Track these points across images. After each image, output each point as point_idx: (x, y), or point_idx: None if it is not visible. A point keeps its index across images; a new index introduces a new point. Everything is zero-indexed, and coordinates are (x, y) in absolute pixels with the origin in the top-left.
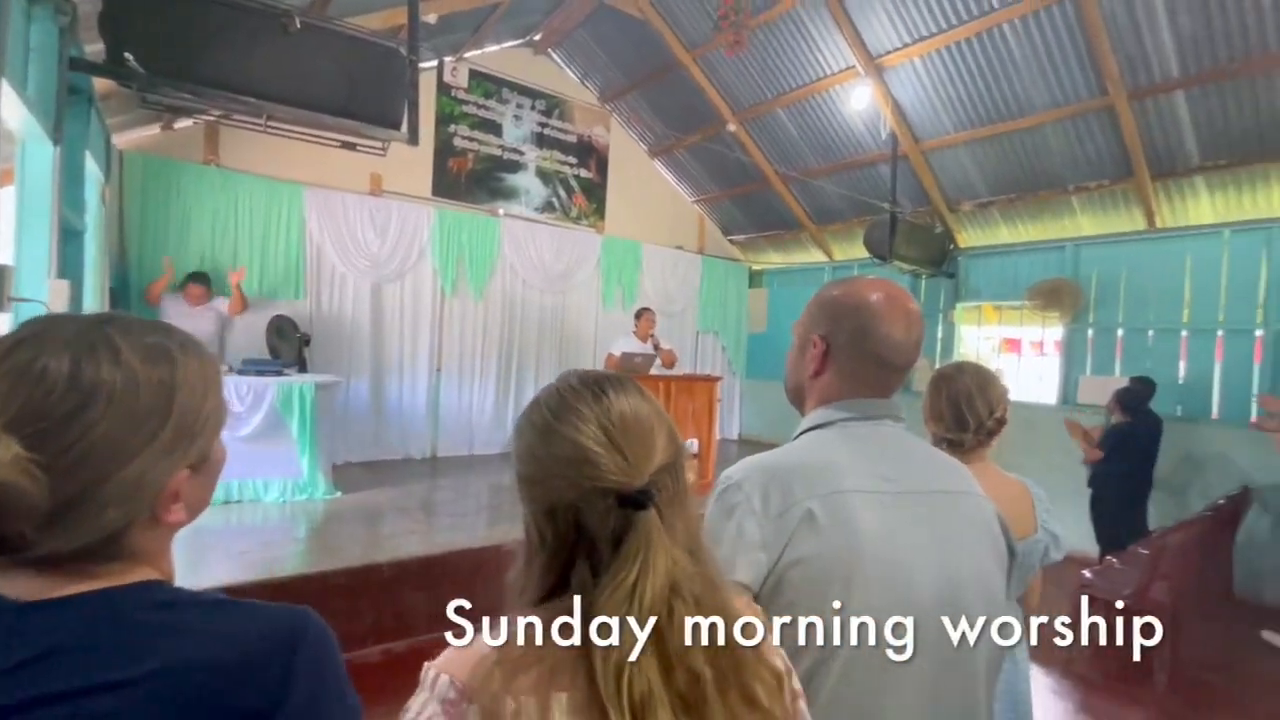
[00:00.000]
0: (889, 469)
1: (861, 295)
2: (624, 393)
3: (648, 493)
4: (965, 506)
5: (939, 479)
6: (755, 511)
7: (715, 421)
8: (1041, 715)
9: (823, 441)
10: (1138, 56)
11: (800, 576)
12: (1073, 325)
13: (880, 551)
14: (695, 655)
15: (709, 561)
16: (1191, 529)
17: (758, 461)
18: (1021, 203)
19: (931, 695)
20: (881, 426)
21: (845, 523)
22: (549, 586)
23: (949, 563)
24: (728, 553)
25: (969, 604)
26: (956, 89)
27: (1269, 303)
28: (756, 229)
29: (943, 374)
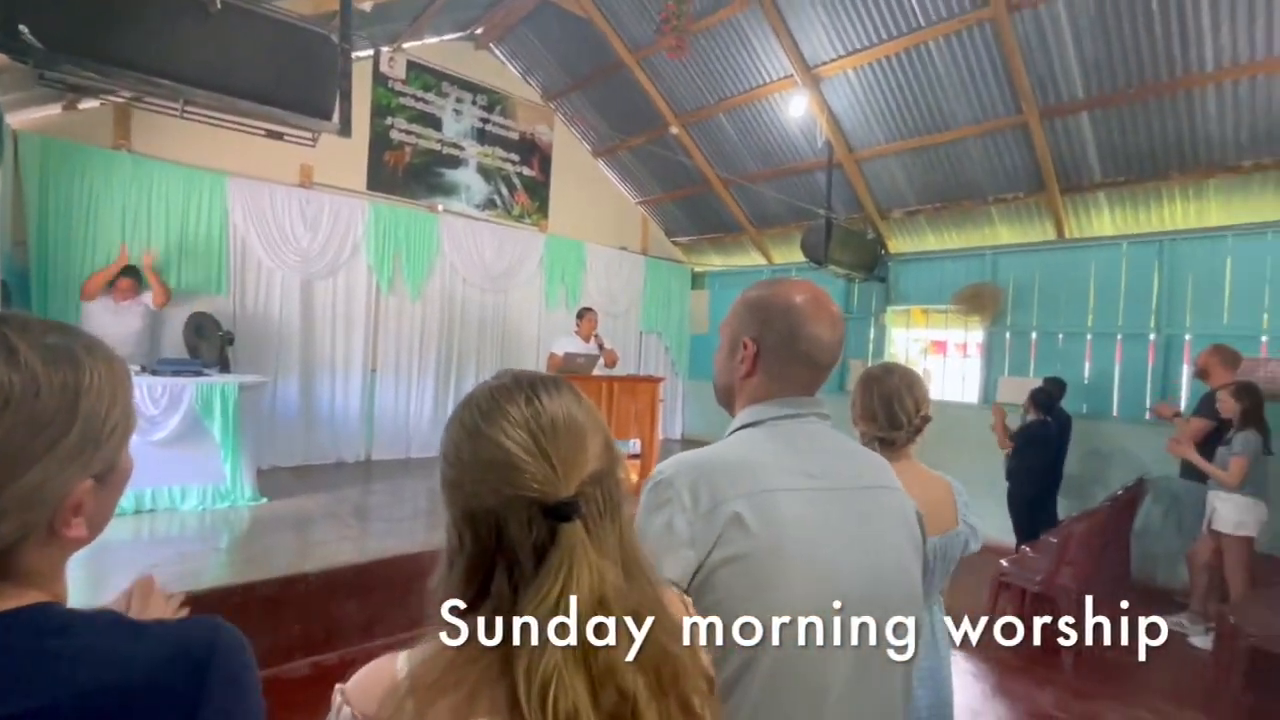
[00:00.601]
0: (815, 466)
1: (789, 297)
2: (558, 396)
3: (574, 504)
4: (887, 501)
5: (863, 475)
6: (685, 508)
7: (657, 421)
8: (961, 697)
9: (752, 440)
10: (1048, 78)
11: (728, 575)
12: (992, 328)
13: (806, 549)
14: (625, 672)
15: (646, 570)
16: (1094, 518)
17: (688, 458)
18: (946, 212)
19: (855, 687)
20: (808, 424)
21: (772, 521)
22: (469, 596)
23: (872, 557)
24: (656, 549)
25: (891, 596)
26: (887, 101)
27: (1160, 309)
28: (699, 231)
29: (873, 375)
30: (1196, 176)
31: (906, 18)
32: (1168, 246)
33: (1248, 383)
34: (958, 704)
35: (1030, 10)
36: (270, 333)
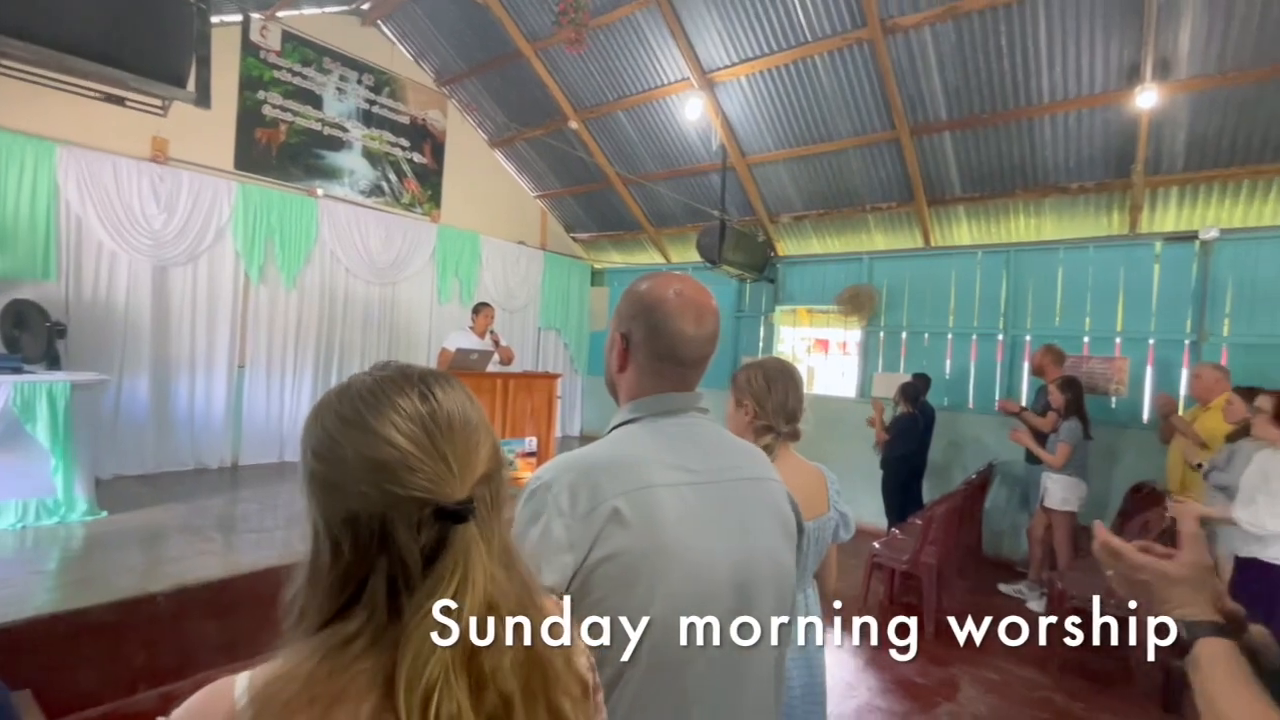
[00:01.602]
0: (693, 460)
1: (656, 292)
2: (452, 393)
3: (469, 505)
4: (760, 491)
5: (738, 467)
6: (563, 512)
7: (555, 419)
8: (839, 672)
9: (631, 437)
10: (917, 99)
11: (606, 574)
12: (868, 328)
13: (684, 542)
14: (507, 675)
15: (524, 571)
16: (952, 500)
17: (567, 460)
18: (829, 218)
19: (732, 676)
20: (687, 419)
21: (651, 517)
22: (335, 609)
23: (747, 547)
24: (534, 556)
25: (764, 585)
26: (776, 110)
27: (1007, 312)
28: (599, 228)
29: (769, 369)
30: (1036, 195)
31: (795, 31)
32: (1013, 256)
33: (1071, 377)
34: (834, 679)
35: (902, 35)
36: (114, 325)
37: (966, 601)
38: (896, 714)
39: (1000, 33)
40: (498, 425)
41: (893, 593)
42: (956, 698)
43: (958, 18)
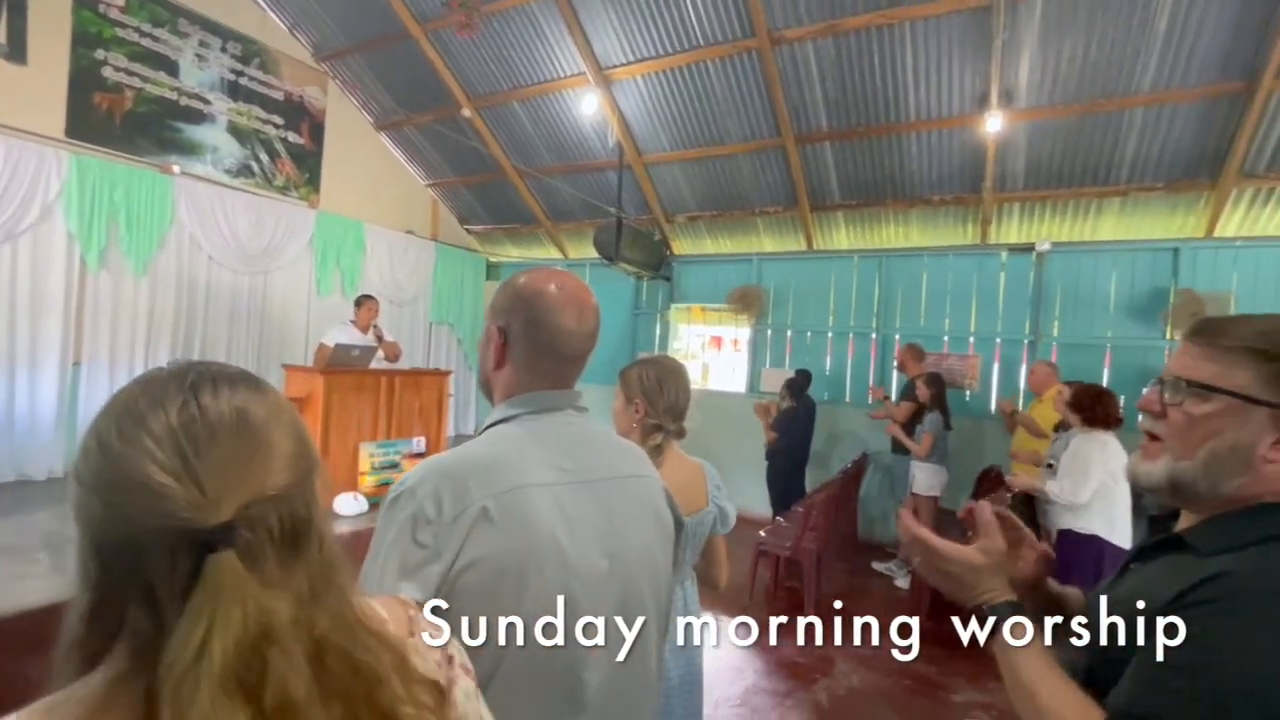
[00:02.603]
0: (568, 460)
1: (535, 286)
2: (229, 395)
3: (227, 532)
4: (637, 489)
5: (615, 465)
6: (429, 519)
7: (446, 417)
8: (728, 656)
9: (504, 436)
10: (801, 109)
11: (474, 579)
12: (757, 326)
13: (557, 542)
14: (304, 706)
15: (345, 589)
16: (831, 489)
17: (435, 463)
18: (721, 219)
19: (608, 676)
20: (564, 417)
21: (522, 518)
22: (97, 646)
23: (621, 544)
24: (397, 568)
25: (638, 581)
26: (671, 111)
27: (879, 313)
28: (494, 221)
29: (662, 368)
30: (904, 205)
31: (689, 35)
32: (885, 261)
33: (934, 373)
34: (722, 663)
35: (788, 47)
36: None
37: (844, 582)
38: (779, 693)
39: (874, 53)
40: (382, 425)
41: (778, 578)
42: (832, 672)
43: (838, 35)
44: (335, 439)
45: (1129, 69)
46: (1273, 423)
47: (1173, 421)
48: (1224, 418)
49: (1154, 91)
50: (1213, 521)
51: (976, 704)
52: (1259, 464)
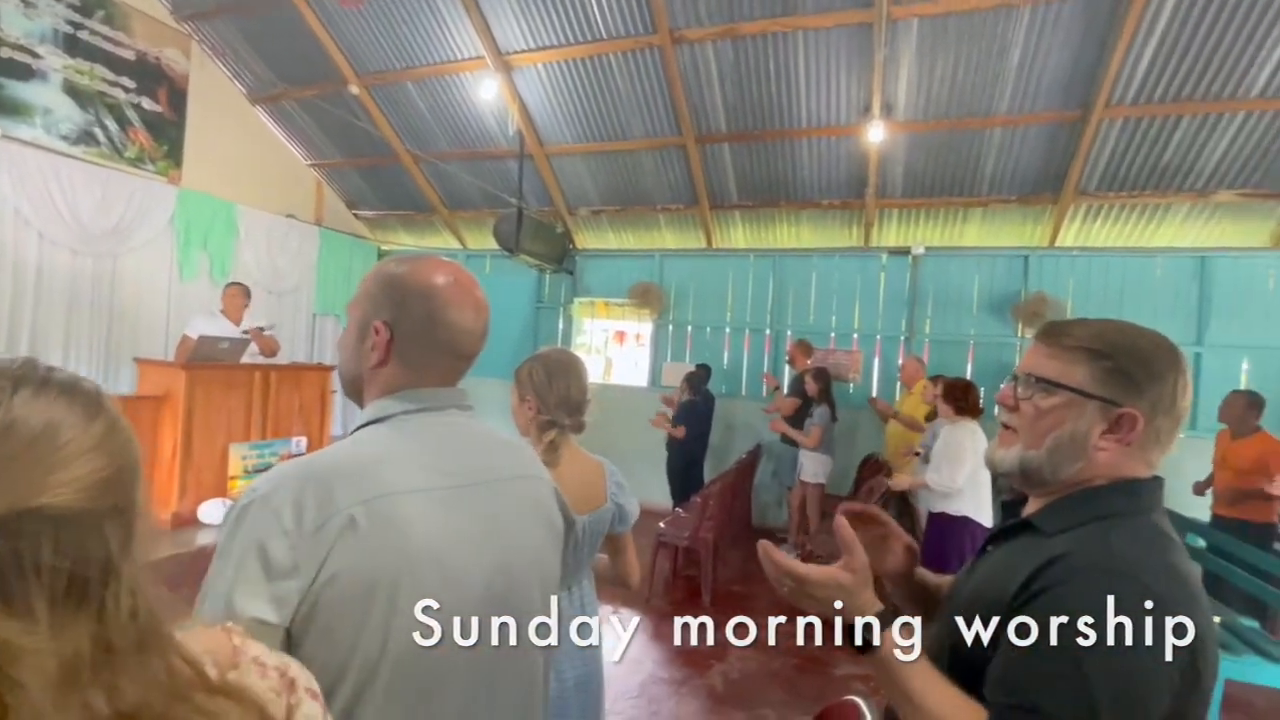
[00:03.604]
0: (449, 462)
1: (429, 279)
2: (31, 396)
3: None
4: (524, 490)
5: (501, 466)
6: (285, 530)
7: (330, 416)
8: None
9: (377, 438)
10: (701, 109)
11: (338, 594)
12: (659, 321)
13: (435, 550)
14: None
15: (170, 655)
16: (726, 479)
17: (295, 467)
18: (624, 214)
19: (490, 685)
20: (446, 417)
21: (393, 526)
22: None
23: (507, 551)
24: (245, 587)
25: (524, 586)
26: (575, 103)
27: (773, 310)
28: (386, 206)
29: (550, 362)
30: (796, 207)
31: (591, 27)
32: (778, 261)
33: (821, 368)
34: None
35: (689, 47)
36: None
37: (739, 568)
38: (676, 681)
39: (770, 59)
40: (256, 424)
41: (677, 567)
42: (727, 657)
43: (736, 39)
44: (200, 440)
45: (989, 92)
46: (1103, 415)
47: (1024, 414)
48: (1065, 410)
49: (1009, 114)
50: (1054, 504)
51: (856, 676)
52: (1092, 451)
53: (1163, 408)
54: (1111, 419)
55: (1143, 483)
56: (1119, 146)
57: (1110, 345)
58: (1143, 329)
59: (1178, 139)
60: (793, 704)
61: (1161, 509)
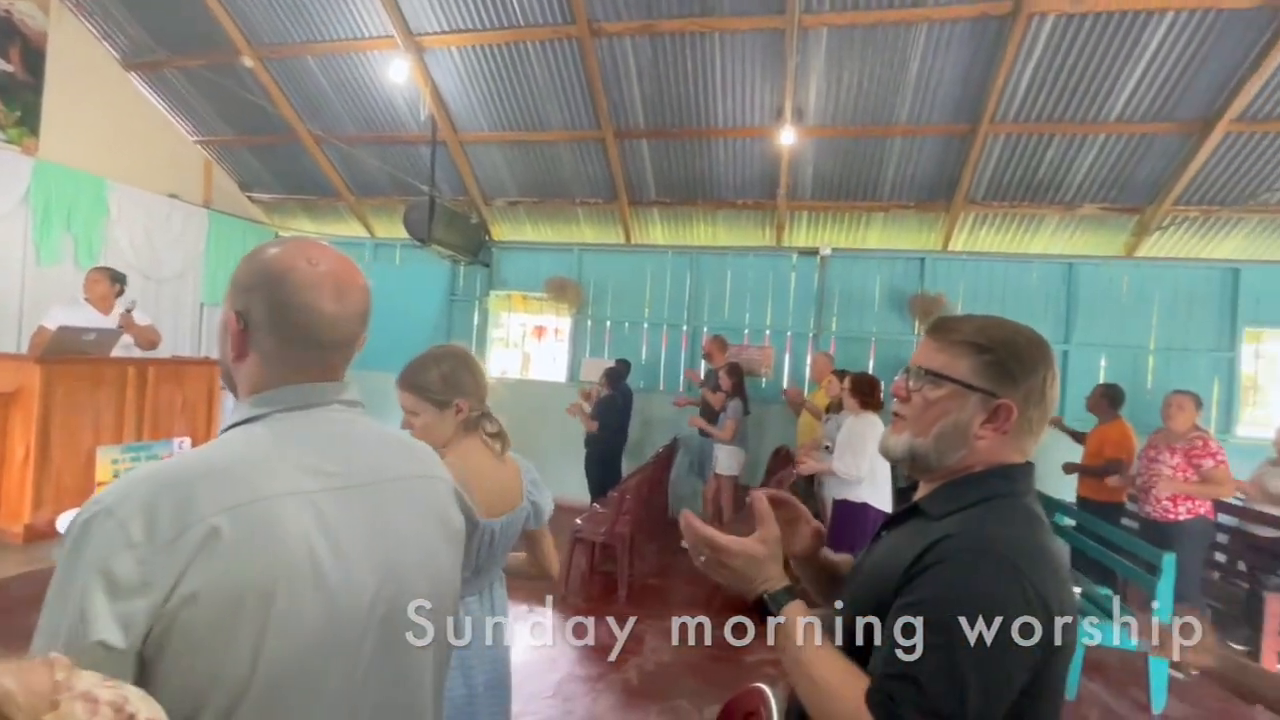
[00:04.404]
0: (332, 463)
1: (284, 262)
2: None
3: None
4: (419, 491)
5: (392, 465)
6: (133, 543)
7: (218, 415)
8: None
9: (248, 439)
10: (620, 104)
11: (200, 613)
12: (578, 316)
13: (314, 559)
14: None
15: None
16: (644, 473)
17: (147, 473)
18: (542, 207)
19: (373, 693)
20: (326, 414)
21: (266, 535)
22: None
23: (397, 555)
24: (86, 611)
25: (416, 594)
26: (491, 90)
27: (690, 306)
28: (285, 190)
29: (455, 354)
30: (712, 206)
31: (507, 11)
32: (696, 258)
33: (734, 364)
34: (535, 655)
35: (607, 40)
36: None
37: (655, 562)
38: (592, 678)
39: (688, 58)
40: (130, 425)
41: (593, 563)
42: (642, 650)
43: (655, 35)
44: (60, 443)
45: (891, 102)
46: (983, 405)
47: (914, 404)
48: (951, 401)
49: (909, 124)
50: (940, 490)
51: (767, 662)
52: (973, 440)
53: (1034, 399)
54: (990, 409)
55: (1017, 468)
56: (1002, 160)
57: (991, 340)
58: (1019, 326)
59: (1050, 156)
60: (707, 693)
61: (1033, 492)
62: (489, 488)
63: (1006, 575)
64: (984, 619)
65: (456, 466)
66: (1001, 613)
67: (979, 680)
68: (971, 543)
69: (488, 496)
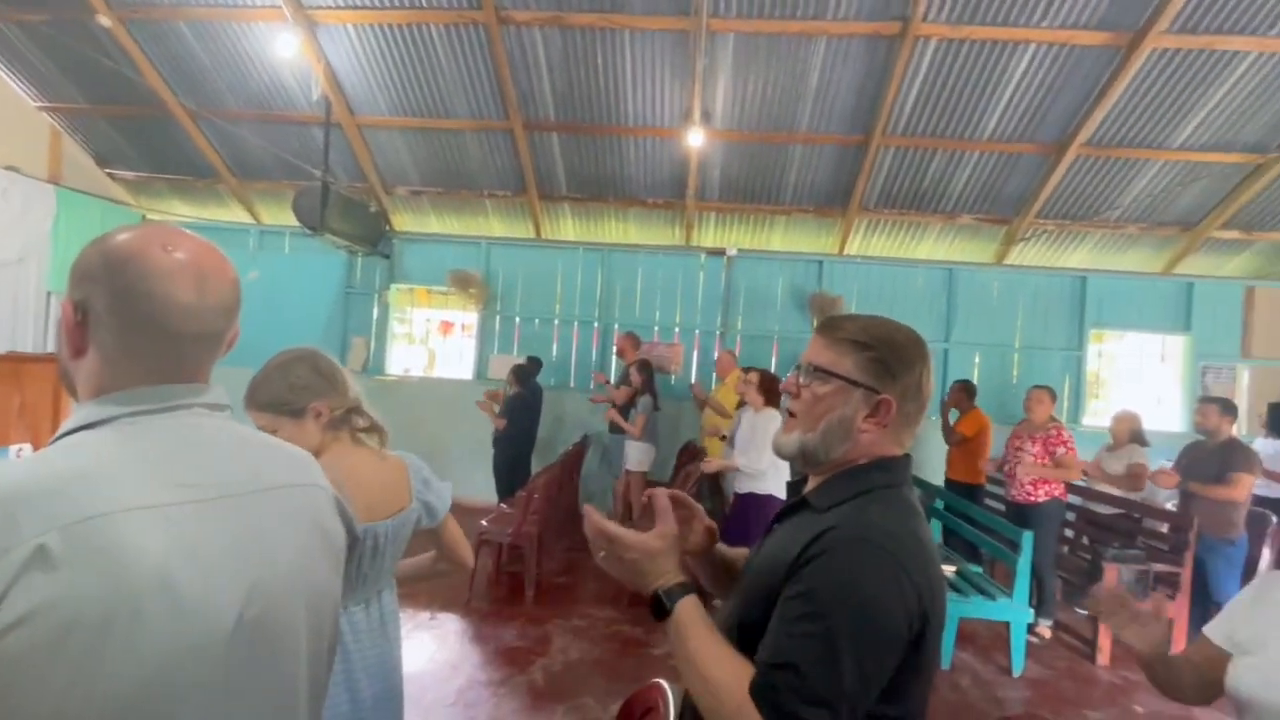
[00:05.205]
0: (191, 473)
1: (133, 247)
2: None
3: None
4: (292, 500)
5: (262, 474)
6: None
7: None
8: (442, 654)
9: (87, 447)
10: (529, 95)
11: (20, 641)
12: (485, 312)
13: (165, 580)
14: None
15: None
16: (552, 471)
17: None
18: (448, 198)
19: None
20: (183, 419)
21: (105, 554)
22: None
23: (264, 570)
24: None
25: (289, 610)
26: (392, 72)
27: (601, 303)
28: (153, 168)
29: (299, 356)
30: (623, 204)
31: None
32: (607, 255)
33: (645, 360)
34: (436, 662)
35: (515, 28)
36: None
37: (564, 560)
38: (495, 682)
39: (598, 53)
40: None
41: (500, 564)
42: (549, 650)
43: (565, 28)
44: None
45: (792, 111)
46: (866, 400)
47: (804, 400)
48: (837, 396)
49: (809, 132)
50: (826, 483)
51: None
52: (857, 434)
53: (911, 394)
54: (873, 404)
55: (896, 460)
56: (892, 170)
57: (873, 338)
58: (899, 324)
59: (933, 169)
60: (614, 690)
61: (910, 483)
62: (370, 489)
63: (884, 564)
64: (862, 606)
65: (331, 473)
66: (878, 600)
67: (855, 665)
68: (852, 534)
69: (369, 499)
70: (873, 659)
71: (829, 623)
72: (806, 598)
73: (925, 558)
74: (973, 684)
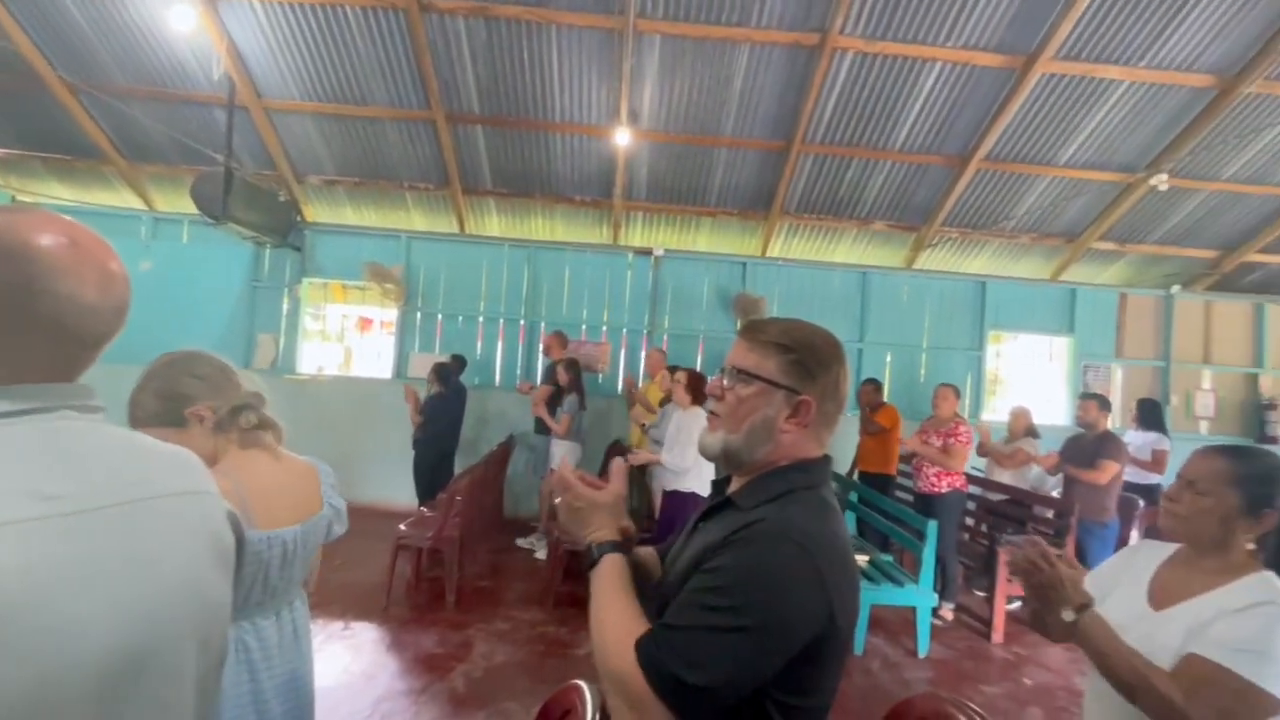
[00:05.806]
0: (60, 482)
1: (25, 236)
2: None
3: None
4: (182, 509)
5: (147, 482)
6: None
7: None
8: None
9: None
10: (452, 85)
11: None
12: (405, 308)
13: (25, 603)
14: None
15: None
16: (475, 472)
17: None
18: (365, 188)
19: None
20: (55, 422)
21: None
22: None
23: (147, 586)
24: None
25: (176, 630)
26: (303, 55)
27: (528, 301)
28: (26, 145)
29: (170, 364)
30: (550, 201)
31: None
32: (534, 252)
33: (572, 359)
34: (350, 673)
35: (437, 16)
36: None
37: (487, 563)
38: (414, 691)
39: (525, 47)
40: None
41: (419, 569)
42: (471, 656)
43: (489, 18)
44: None
45: (718, 114)
46: (787, 401)
47: (727, 402)
48: (760, 398)
49: (734, 136)
50: (750, 483)
51: None
52: (779, 435)
53: (829, 394)
54: (794, 405)
55: (815, 461)
56: (811, 176)
57: (793, 340)
58: (817, 327)
59: (849, 176)
60: (537, 692)
61: (829, 483)
62: (269, 494)
63: (801, 563)
64: (769, 596)
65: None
66: (787, 595)
67: (747, 648)
68: (776, 529)
69: (271, 503)
70: (765, 649)
71: (734, 602)
72: (718, 573)
73: (841, 560)
74: (882, 667)
